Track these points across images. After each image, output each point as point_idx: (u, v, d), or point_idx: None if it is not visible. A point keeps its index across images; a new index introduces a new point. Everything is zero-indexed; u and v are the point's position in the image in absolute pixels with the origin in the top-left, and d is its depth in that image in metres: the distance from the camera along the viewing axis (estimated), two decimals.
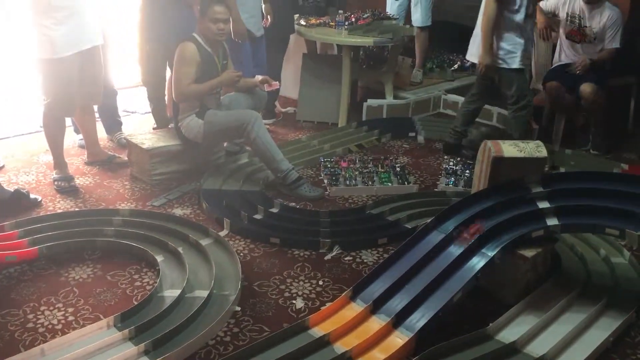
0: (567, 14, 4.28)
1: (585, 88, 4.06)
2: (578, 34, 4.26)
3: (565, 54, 4.36)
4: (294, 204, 3.37)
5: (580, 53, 4.27)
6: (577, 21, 4.24)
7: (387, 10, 5.35)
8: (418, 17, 5.16)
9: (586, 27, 4.21)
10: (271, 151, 3.44)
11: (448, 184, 3.61)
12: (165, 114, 4.22)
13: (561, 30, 4.36)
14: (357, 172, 3.68)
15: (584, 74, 4.13)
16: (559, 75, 4.25)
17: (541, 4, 4.48)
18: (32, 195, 3.30)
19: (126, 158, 3.83)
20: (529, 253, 2.43)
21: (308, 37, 4.88)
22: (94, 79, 3.51)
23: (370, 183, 3.59)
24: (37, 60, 3.24)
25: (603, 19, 4.16)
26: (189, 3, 3.86)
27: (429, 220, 2.53)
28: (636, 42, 4.27)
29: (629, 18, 4.75)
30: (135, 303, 2.40)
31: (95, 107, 4.12)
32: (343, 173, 3.67)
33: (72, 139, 4.13)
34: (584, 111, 4.23)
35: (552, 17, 4.40)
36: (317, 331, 2.18)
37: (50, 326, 2.30)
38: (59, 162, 3.51)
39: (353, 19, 4.80)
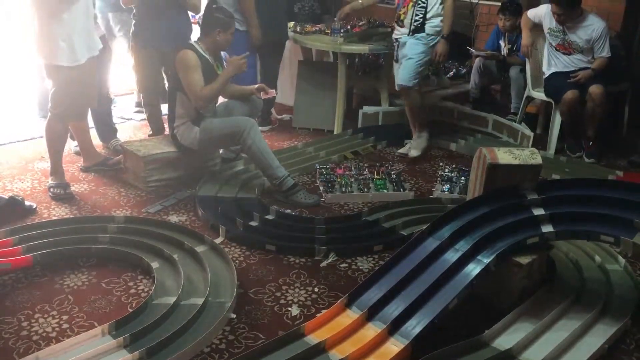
0: (550, 28, 4.31)
1: (595, 89, 4.08)
2: (565, 48, 4.29)
3: (556, 64, 4.38)
4: (289, 210, 3.37)
5: (573, 63, 4.29)
6: (562, 35, 4.26)
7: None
8: (401, 74, 4.18)
9: (572, 41, 4.23)
10: (267, 158, 3.44)
11: (443, 191, 3.61)
12: (161, 120, 4.22)
13: (547, 43, 4.39)
14: (352, 179, 3.69)
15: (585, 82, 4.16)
16: (565, 84, 4.25)
17: (529, 13, 4.52)
18: (27, 202, 3.29)
19: (120, 156, 3.83)
20: (524, 260, 2.43)
21: (304, 44, 4.89)
22: (94, 82, 3.53)
23: (366, 190, 3.59)
24: (55, 68, 3.24)
25: (586, 33, 4.18)
26: (190, 8, 3.89)
27: (424, 227, 2.54)
28: (629, 50, 4.30)
29: (622, 26, 4.79)
30: (130, 310, 2.39)
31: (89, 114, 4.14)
32: (339, 180, 3.67)
33: (67, 146, 4.11)
34: (587, 115, 4.22)
35: (537, 25, 4.45)
36: (313, 338, 2.17)
37: (44, 334, 2.29)
38: (56, 169, 3.50)
39: (349, 27, 4.81)
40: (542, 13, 4.38)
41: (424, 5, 3.97)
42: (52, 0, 3.12)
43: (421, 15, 4.00)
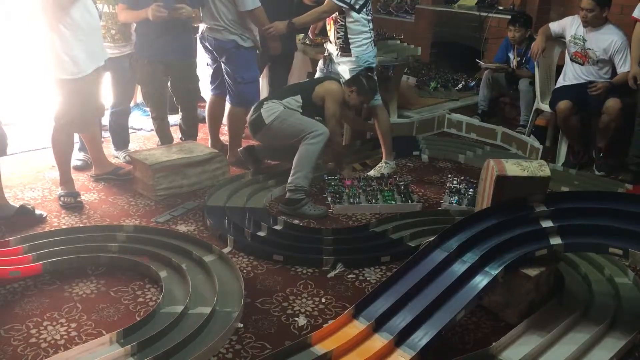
0: (572, 35, 4.33)
1: (613, 103, 4.07)
2: (581, 56, 4.30)
3: (569, 75, 4.39)
4: (297, 221, 3.38)
5: (583, 75, 4.30)
6: (581, 43, 4.28)
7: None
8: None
9: (589, 49, 4.25)
10: (308, 163, 3.49)
11: (452, 203, 3.61)
12: (169, 132, 4.25)
13: (567, 53, 4.41)
14: (360, 190, 3.69)
15: (598, 95, 4.16)
16: (568, 96, 4.27)
17: (551, 25, 4.54)
18: (37, 211, 3.32)
19: (130, 167, 3.87)
20: (533, 272, 2.42)
21: (313, 56, 4.92)
22: (100, 93, 3.56)
23: (373, 201, 3.60)
24: (59, 81, 3.27)
25: (605, 44, 4.19)
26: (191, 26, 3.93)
27: (432, 239, 2.54)
28: None
29: None
30: (138, 319, 2.40)
31: (107, 123, 4.18)
32: (347, 191, 3.67)
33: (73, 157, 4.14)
34: (601, 128, 4.22)
35: (558, 39, 4.47)
36: (320, 349, 2.17)
37: (53, 341, 2.30)
38: (66, 179, 3.53)
39: None
40: (567, 21, 4.43)
41: (343, 24, 3.87)
42: (48, 15, 3.14)
43: (342, 33, 3.88)
